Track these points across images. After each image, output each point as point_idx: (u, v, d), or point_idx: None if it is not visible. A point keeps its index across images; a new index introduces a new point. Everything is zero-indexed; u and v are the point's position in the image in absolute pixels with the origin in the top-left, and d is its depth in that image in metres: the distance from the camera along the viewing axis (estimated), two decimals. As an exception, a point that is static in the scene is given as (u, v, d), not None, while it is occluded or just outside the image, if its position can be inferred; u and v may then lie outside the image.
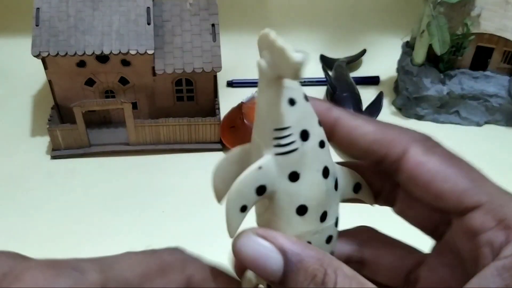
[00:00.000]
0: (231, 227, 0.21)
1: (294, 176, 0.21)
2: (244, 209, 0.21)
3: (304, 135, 0.21)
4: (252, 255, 0.20)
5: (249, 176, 0.21)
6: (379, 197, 0.25)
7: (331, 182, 0.22)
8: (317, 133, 0.22)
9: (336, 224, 0.24)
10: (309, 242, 0.22)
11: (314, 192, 0.21)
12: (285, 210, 0.21)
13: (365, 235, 0.25)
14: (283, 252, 0.20)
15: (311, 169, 0.21)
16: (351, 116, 0.22)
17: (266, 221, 0.23)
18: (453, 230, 0.22)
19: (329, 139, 0.22)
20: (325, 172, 0.22)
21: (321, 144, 0.22)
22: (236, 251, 0.21)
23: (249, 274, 0.23)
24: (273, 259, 0.20)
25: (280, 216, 0.22)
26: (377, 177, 0.25)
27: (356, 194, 0.25)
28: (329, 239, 0.23)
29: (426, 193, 0.21)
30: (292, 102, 0.22)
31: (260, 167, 0.21)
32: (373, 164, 0.23)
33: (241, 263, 0.21)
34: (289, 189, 0.21)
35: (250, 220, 0.23)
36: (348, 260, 0.24)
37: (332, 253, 0.23)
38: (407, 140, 0.22)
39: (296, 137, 0.21)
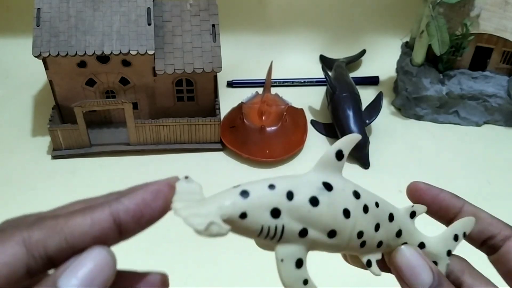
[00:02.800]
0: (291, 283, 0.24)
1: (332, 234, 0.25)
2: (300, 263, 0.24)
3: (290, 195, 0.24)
4: (411, 264, 0.27)
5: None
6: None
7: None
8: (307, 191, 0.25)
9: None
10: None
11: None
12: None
13: (463, 263, 0.31)
14: (434, 271, 0.26)
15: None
16: (471, 204, 0.31)
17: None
18: None
19: (453, 219, 0.30)
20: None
21: (314, 202, 0.24)
22: (397, 257, 0.27)
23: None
24: (426, 273, 0.26)
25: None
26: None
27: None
28: None
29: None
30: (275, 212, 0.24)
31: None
32: (482, 240, 0.30)
33: (398, 267, 0.27)
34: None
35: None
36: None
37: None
38: (510, 230, 0.30)
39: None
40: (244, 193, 0.23)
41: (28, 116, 0.71)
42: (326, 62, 0.82)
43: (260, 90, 0.72)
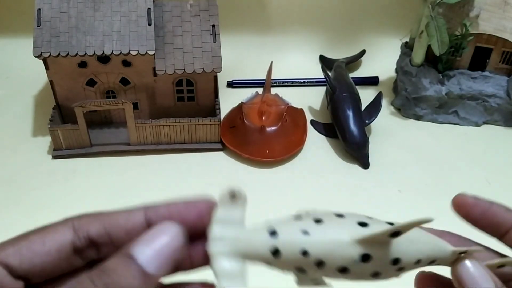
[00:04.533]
0: None
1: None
2: None
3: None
4: (476, 276, 0.27)
5: None
6: None
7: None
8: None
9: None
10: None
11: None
12: None
13: None
14: (496, 282, 0.26)
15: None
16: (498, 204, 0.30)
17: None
18: None
19: (505, 233, 0.29)
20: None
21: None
22: (461, 268, 0.27)
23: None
24: (489, 283, 0.26)
25: None
26: None
27: None
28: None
29: None
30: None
31: None
32: (498, 235, 0.30)
33: (459, 279, 0.27)
34: None
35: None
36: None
37: None
38: None
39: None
40: (273, 233, 0.23)
41: (29, 116, 0.71)
42: (326, 62, 0.83)
43: (260, 90, 0.72)
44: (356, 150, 0.63)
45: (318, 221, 0.24)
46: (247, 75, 0.79)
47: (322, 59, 0.84)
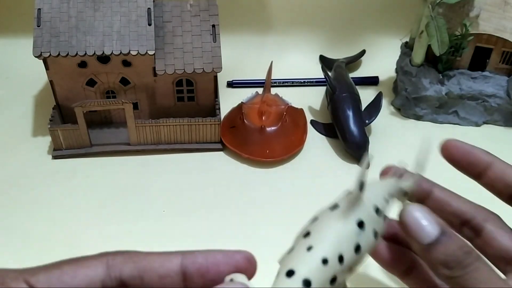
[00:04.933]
0: None
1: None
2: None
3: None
4: (416, 218, 0.28)
5: None
6: (410, 273, 0.34)
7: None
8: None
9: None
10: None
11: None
12: None
13: (490, 215, 0.33)
14: (440, 223, 0.28)
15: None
16: (502, 160, 0.34)
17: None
18: None
19: (483, 173, 0.33)
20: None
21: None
22: (405, 213, 0.28)
23: None
24: (432, 226, 0.28)
25: None
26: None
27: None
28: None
29: (497, 250, 0.30)
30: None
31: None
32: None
33: (404, 225, 0.28)
34: None
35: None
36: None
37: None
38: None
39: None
40: (307, 283, 0.23)
41: (29, 116, 0.71)
42: (326, 62, 0.83)
43: (260, 90, 0.72)
44: (356, 150, 0.63)
45: (306, 235, 0.25)
46: (247, 75, 0.79)
47: (322, 59, 0.84)
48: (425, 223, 0.28)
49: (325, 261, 0.23)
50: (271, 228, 0.54)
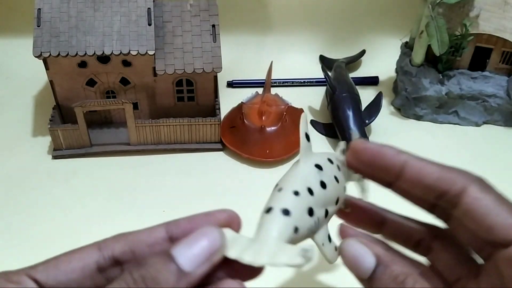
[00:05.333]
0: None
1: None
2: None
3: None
4: (352, 255, 0.28)
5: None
6: (418, 247, 0.31)
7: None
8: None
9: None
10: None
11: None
12: None
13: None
14: (377, 256, 0.27)
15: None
16: (417, 158, 0.28)
17: None
18: (497, 258, 0.25)
19: (396, 180, 0.28)
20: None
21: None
22: (341, 252, 0.28)
23: None
24: (368, 258, 0.27)
25: None
26: (419, 228, 0.31)
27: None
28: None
29: (480, 225, 0.25)
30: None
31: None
32: (432, 199, 0.27)
33: (344, 260, 0.28)
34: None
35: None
36: None
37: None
38: (466, 179, 0.26)
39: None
40: (285, 212, 0.25)
41: (29, 116, 0.71)
42: (326, 62, 0.83)
43: (260, 90, 0.72)
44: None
45: (276, 186, 0.28)
46: (247, 75, 0.79)
47: (322, 59, 0.84)
48: (360, 259, 0.27)
49: (296, 193, 0.26)
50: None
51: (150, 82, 0.63)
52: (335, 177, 0.29)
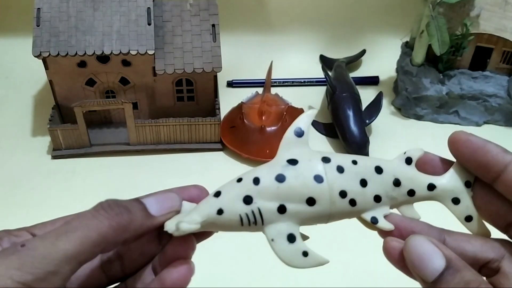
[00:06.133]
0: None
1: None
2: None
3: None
4: (419, 252, 0.25)
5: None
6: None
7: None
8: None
9: None
10: None
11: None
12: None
13: (504, 248, 0.28)
14: (448, 259, 0.25)
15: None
16: None
17: None
18: None
19: (494, 181, 0.26)
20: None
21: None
22: (405, 248, 0.25)
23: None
24: (437, 259, 0.25)
25: None
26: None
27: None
28: None
29: None
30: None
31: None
32: (490, 179, 0.26)
33: (407, 259, 0.25)
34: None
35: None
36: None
37: None
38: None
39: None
40: (217, 193, 0.26)
41: (28, 116, 0.71)
42: (326, 62, 0.82)
43: (260, 90, 0.72)
44: (356, 150, 0.63)
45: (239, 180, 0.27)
46: (247, 75, 0.79)
47: (322, 59, 0.84)
48: (428, 259, 0.25)
49: (239, 180, 0.26)
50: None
51: (150, 82, 0.63)
52: (316, 175, 0.26)
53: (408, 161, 0.28)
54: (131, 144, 0.64)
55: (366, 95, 0.72)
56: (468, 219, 0.28)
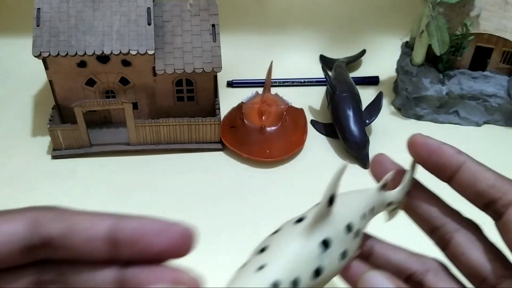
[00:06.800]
0: None
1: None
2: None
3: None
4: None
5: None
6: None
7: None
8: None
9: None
10: None
11: None
12: None
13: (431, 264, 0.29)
14: None
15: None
16: (476, 162, 0.28)
17: None
18: None
19: (449, 180, 0.28)
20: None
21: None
22: (363, 282, 0.25)
23: None
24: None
25: None
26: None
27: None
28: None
29: None
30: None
31: None
32: (481, 206, 0.27)
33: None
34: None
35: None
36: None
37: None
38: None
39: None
40: None
41: (28, 116, 0.71)
42: (326, 62, 0.82)
43: (260, 90, 0.72)
44: (356, 150, 0.63)
45: (262, 250, 0.22)
46: (247, 75, 0.79)
47: (322, 58, 0.84)
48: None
49: (276, 285, 0.20)
50: (271, 228, 0.54)
51: (150, 82, 0.63)
52: (343, 253, 0.24)
53: (383, 187, 0.29)
54: (131, 144, 0.64)
55: (366, 95, 0.72)
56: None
